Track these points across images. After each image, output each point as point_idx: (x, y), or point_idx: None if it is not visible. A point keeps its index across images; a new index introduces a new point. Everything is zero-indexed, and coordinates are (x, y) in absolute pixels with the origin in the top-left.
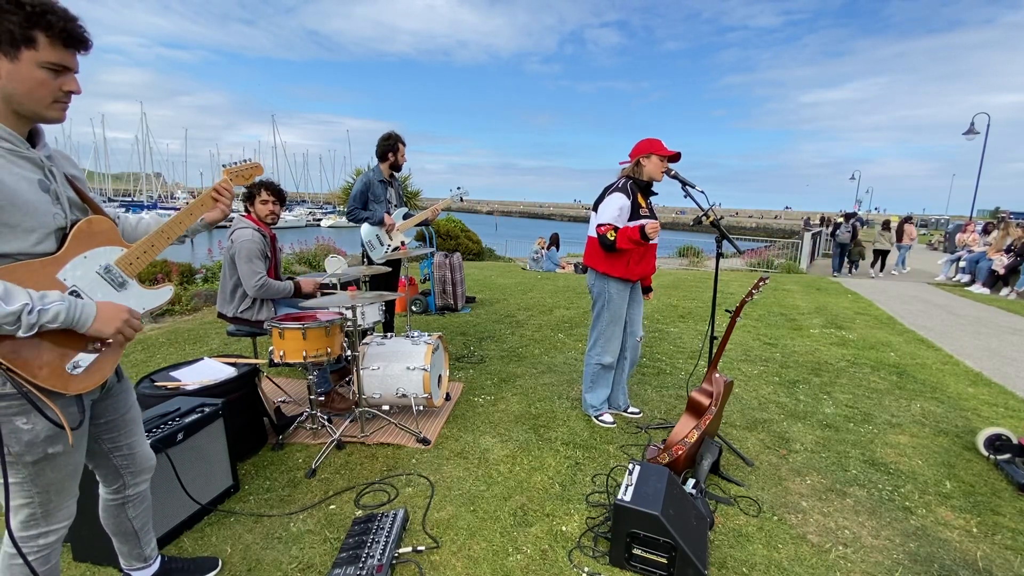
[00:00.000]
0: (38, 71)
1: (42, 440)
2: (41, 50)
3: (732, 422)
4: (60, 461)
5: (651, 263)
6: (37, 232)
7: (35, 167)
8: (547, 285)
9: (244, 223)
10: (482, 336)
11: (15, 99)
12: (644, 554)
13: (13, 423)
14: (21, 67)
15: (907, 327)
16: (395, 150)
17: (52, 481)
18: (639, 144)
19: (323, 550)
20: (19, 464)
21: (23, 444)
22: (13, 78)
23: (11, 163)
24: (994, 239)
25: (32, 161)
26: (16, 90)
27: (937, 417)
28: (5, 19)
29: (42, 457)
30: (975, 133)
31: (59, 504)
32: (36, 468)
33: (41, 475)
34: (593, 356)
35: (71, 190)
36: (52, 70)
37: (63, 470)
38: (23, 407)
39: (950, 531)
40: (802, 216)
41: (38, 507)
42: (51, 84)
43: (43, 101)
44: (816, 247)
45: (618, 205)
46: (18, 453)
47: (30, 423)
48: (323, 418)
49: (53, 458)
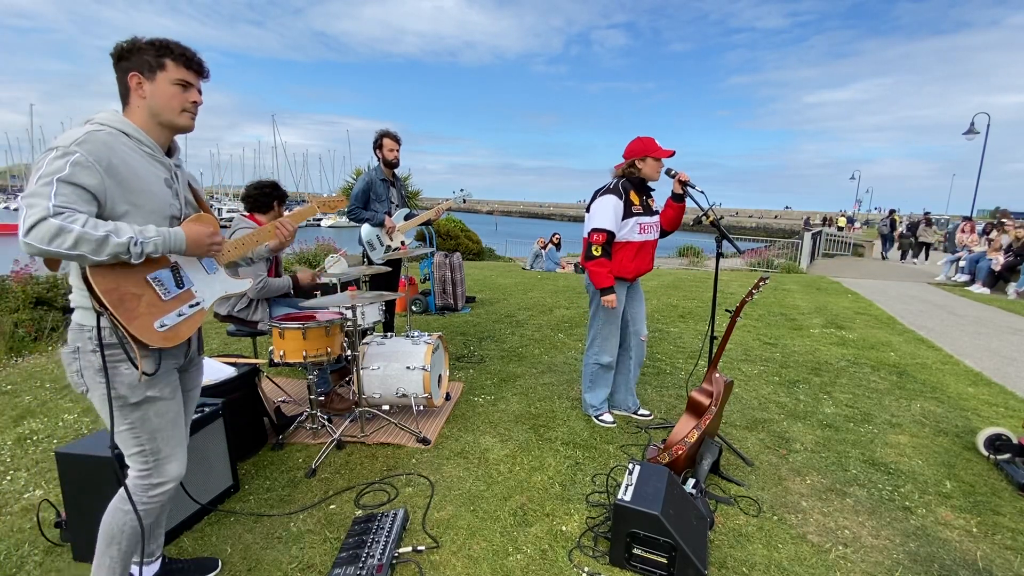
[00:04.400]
0: (170, 86)
1: (144, 383)
2: (170, 71)
3: (732, 422)
4: (161, 406)
5: (646, 260)
6: (156, 215)
7: (165, 169)
8: (547, 285)
9: (245, 223)
10: (482, 336)
11: (155, 110)
12: (644, 554)
13: (119, 368)
14: (158, 85)
15: (907, 327)
16: (380, 146)
17: (157, 428)
18: (632, 145)
19: (323, 550)
20: (126, 408)
21: (126, 386)
22: (154, 94)
23: (148, 162)
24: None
25: (164, 164)
26: (156, 103)
27: (937, 417)
28: (144, 55)
29: (144, 399)
30: (975, 133)
31: (168, 455)
32: (141, 412)
33: (146, 420)
34: (591, 356)
35: (189, 193)
36: (180, 85)
37: (165, 416)
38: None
39: (950, 531)
40: (802, 216)
41: (150, 456)
42: (180, 96)
43: (175, 110)
44: (816, 247)
45: (611, 207)
46: (124, 396)
47: (130, 368)
48: (323, 418)
49: (154, 401)
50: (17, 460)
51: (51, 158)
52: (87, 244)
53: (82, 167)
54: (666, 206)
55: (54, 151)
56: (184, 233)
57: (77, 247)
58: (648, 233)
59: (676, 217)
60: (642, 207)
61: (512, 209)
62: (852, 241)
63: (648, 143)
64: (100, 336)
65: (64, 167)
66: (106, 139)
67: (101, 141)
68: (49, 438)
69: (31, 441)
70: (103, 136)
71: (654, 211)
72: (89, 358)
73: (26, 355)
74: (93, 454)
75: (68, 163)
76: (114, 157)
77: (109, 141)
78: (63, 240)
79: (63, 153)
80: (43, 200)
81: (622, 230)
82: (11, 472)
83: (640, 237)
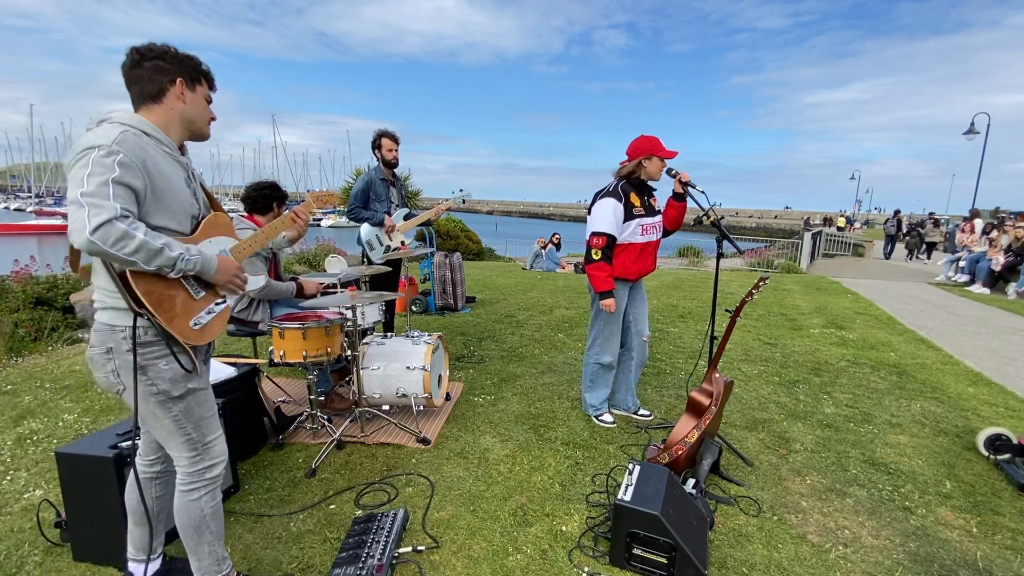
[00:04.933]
0: (203, 101)
1: (181, 376)
2: (205, 88)
3: (732, 422)
4: (201, 396)
5: (649, 261)
6: (180, 215)
7: (183, 168)
8: (547, 285)
9: (244, 224)
10: (482, 336)
11: (191, 117)
12: (644, 554)
13: (157, 365)
14: (197, 96)
15: (907, 327)
16: (379, 146)
17: (201, 416)
18: (638, 143)
19: (323, 550)
20: (168, 401)
21: (167, 381)
22: (193, 103)
23: (170, 162)
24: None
25: (182, 164)
26: (194, 112)
27: (937, 417)
28: (188, 66)
29: (186, 391)
30: (975, 133)
31: (212, 439)
32: (184, 403)
33: (190, 410)
34: (592, 356)
35: (203, 192)
36: (208, 101)
37: (205, 404)
38: (162, 351)
39: (950, 531)
40: (802, 216)
41: (197, 442)
42: (208, 110)
43: (206, 121)
44: (816, 247)
45: (611, 210)
46: (166, 391)
47: (168, 364)
48: (323, 418)
49: (195, 392)
50: (17, 460)
51: (97, 156)
52: (144, 252)
53: (127, 168)
54: (667, 206)
55: (97, 149)
56: (217, 263)
57: (135, 253)
58: (650, 234)
59: (677, 217)
60: (644, 208)
61: (512, 209)
62: (852, 241)
63: (654, 142)
64: (135, 335)
65: (114, 167)
66: (136, 139)
67: (134, 140)
68: (49, 438)
69: (31, 441)
70: (133, 136)
71: (656, 211)
72: (125, 357)
73: (26, 355)
74: (93, 454)
75: (115, 163)
76: (147, 158)
77: (139, 142)
78: (125, 244)
79: (108, 152)
80: (106, 201)
81: (624, 232)
82: (11, 472)
83: (643, 239)
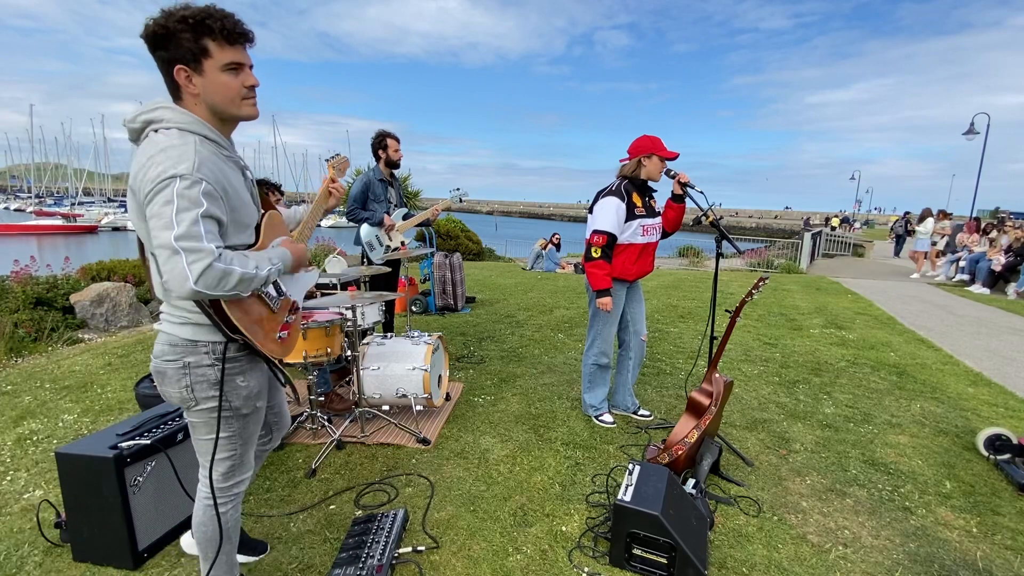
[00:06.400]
0: (221, 75)
1: (255, 395)
2: (215, 55)
3: (732, 422)
4: (259, 415)
5: (648, 262)
6: (248, 228)
7: (240, 169)
8: (547, 285)
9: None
10: (482, 336)
11: (215, 106)
12: (644, 554)
13: (235, 381)
14: (207, 77)
15: (907, 327)
16: (384, 146)
17: (251, 433)
18: (640, 142)
19: (323, 550)
20: (235, 418)
21: (242, 399)
22: (207, 89)
23: (232, 168)
24: (994, 237)
25: (238, 164)
26: (213, 99)
27: (937, 417)
28: (181, 39)
29: (253, 411)
30: (975, 133)
31: (248, 454)
32: (245, 421)
33: (246, 428)
34: (590, 356)
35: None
36: (232, 70)
37: (258, 423)
38: (242, 367)
39: (950, 531)
40: (802, 216)
41: (238, 458)
42: (234, 84)
43: (235, 101)
44: (816, 247)
45: (613, 209)
46: (237, 408)
47: (246, 380)
48: (323, 418)
49: (258, 412)
50: (17, 460)
51: (181, 188)
52: (244, 284)
53: (211, 197)
54: (666, 207)
55: (179, 180)
56: (289, 253)
57: (237, 287)
58: (651, 235)
59: (676, 218)
60: (645, 209)
61: (512, 209)
62: (852, 241)
63: (655, 141)
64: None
65: (200, 200)
66: (208, 155)
67: (210, 159)
68: (49, 438)
69: (31, 441)
70: (204, 151)
71: (656, 212)
72: (205, 372)
73: (26, 355)
74: (93, 454)
75: (201, 194)
76: (222, 176)
77: (211, 157)
78: (226, 282)
79: (192, 183)
80: (201, 243)
81: (625, 232)
82: (11, 472)
83: (643, 239)
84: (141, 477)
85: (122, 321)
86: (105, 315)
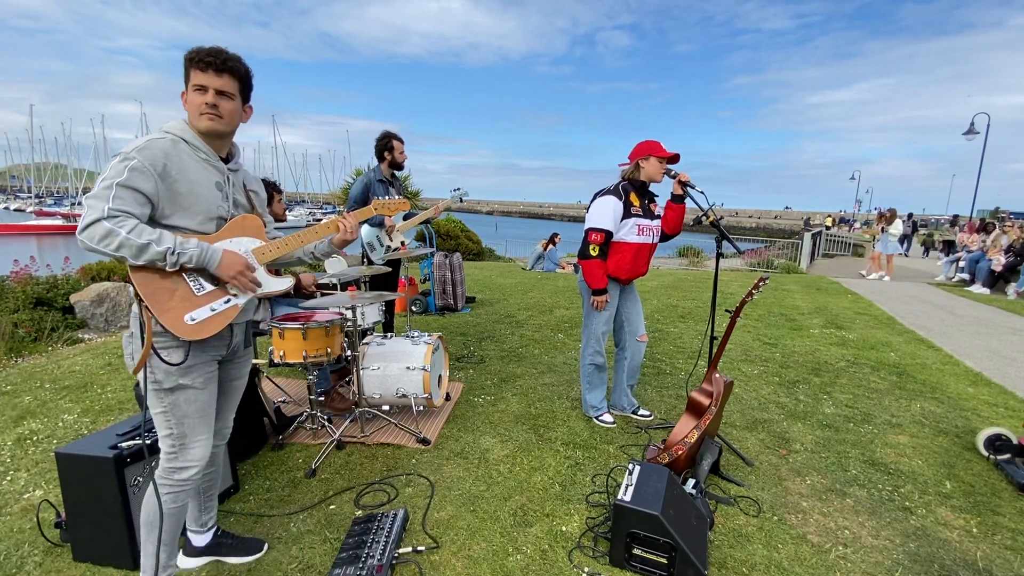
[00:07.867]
0: (192, 94)
1: (175, 369)
2: (192, 78)
3: (732, 422)
4: (190, 395)
5: (642, 264)
6: (200, 216)
7: (218, 173)
8: (547, 285)
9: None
10: (482, 336)
11: (189, 117)
12: (644, 554)
13: (160, 355)
14: (188, 95)
15: (907, 327)
16: (390, 148)
17: (185, 414)
18: (638, 146)
19: (323, 550)
20: (161, 392)
21: (162, 372)
22: (187, 104)
23: (202, 167)
24: (994, 237)
25: (217, 169)
26: (187, 111)
27: (937, 417)
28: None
29: (176, 386)
30: (975, 133)
31: (192, 440)
32: (173, 398)
33: (177, 406)
34: (587, 356)
35: (243, 197)
36: (198, 90)
37: (193, 404)
38: (166, 343)
39: (950, 531)
40: (802, 216)
41: (176, 439)
42: (197, 100)
43: (195, 114)
44: (816, 247)
45: (610, 207)
46: (159, 381)
47: (169, 356)
48: (323, 418)
49: (184, 389)
50: (17, 460)
51: (114, 163)
52: (128, 248)
53: (139, 172)
54: (666, 208)
55: (118, 157)
56: (221, 257)
57: (120, 250)
58: (646, 236)
59: (676, 220)
60: (642, 209)
61: (512, 209)
62: (852, 241)
63: (653, 144)
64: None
65: (123, 172)
66: (165, 146)
67: (160, 148)
68: (49, 438)
69: (31, 441)
70: (163, 144)
71: (655, 215)
72: (137, 343)
73: (26, 355)
74: (93, 454)
75: (127, 168)
76: (169, 163)
77: (168, 148)
78: (110, 242)
79: (123, 159)
80: (101, 203)
81: (620, 230)
82: (11, 472)
83: (638, 239)
84: (141, 477)
85: (122, 321)
86: (105, 315)
